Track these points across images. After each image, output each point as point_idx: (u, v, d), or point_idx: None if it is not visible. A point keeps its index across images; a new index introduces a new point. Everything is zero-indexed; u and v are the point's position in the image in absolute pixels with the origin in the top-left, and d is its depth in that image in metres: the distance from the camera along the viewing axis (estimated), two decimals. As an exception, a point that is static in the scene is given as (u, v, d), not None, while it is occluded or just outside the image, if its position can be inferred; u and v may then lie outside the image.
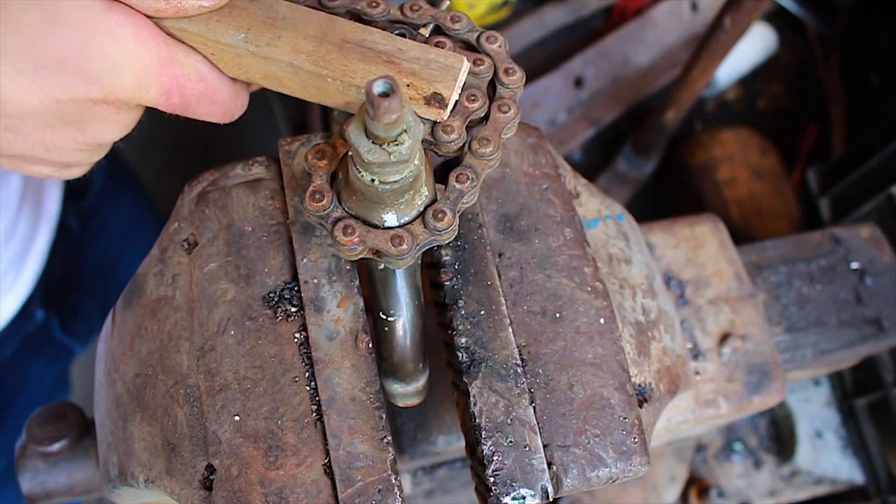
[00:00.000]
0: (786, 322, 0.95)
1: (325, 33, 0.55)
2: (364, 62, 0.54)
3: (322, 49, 0.55)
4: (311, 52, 0.54)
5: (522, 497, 0.54)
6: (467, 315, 0.59)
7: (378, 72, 0.54)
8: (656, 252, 0.88)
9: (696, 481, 1.22)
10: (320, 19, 0.56)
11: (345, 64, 0.54)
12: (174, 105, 0.55)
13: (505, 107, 0.56)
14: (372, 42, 0.55)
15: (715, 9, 1.28)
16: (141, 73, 0.52)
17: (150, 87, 0.53)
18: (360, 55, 0.55)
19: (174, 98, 0.54)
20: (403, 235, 0.51)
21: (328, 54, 0.54)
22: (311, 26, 0.55)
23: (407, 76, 0.54)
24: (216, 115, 0.58)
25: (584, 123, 1.57)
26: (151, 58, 0.52)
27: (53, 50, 0.48)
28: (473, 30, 0.59)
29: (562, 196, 0.65)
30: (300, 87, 0.56)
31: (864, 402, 1.26)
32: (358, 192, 0.50)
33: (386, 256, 0.52)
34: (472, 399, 0.57)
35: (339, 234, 0.51)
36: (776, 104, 1.66)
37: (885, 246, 1.02)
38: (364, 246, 0.52)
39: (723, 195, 1.42)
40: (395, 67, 0.54)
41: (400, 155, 0.46)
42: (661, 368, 0.67)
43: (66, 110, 0.51)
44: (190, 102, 0.55)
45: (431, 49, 0.56)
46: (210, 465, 0.55)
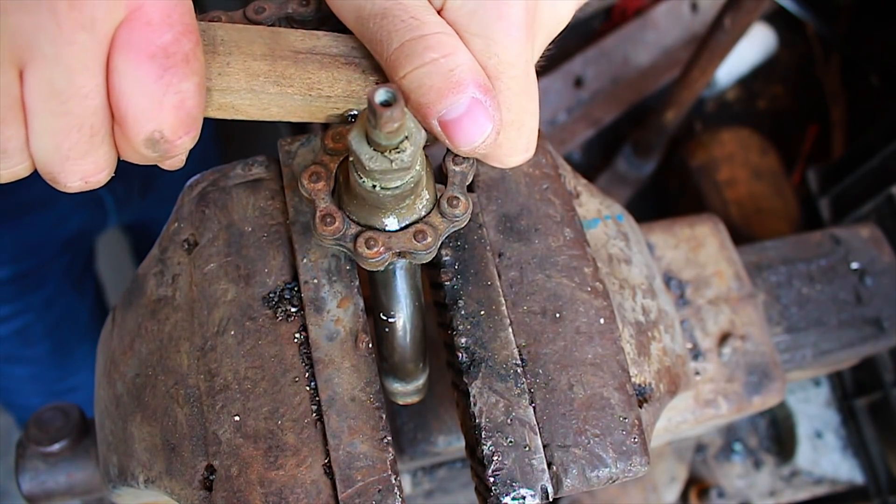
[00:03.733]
0: (786, 322, 0.95)
1: (273, 49, 0.52)
2: (324, 69, 0.52)
3: (278, 66, 0.51)
4: (267, 72, 0.51)
5: (522, 497, 0.54)
6: (467, 315, 0.59)
7: (341, 76, 0.53)
8: (656, 252, 0.88)
9: (696, 481, 1.22)
10: (262, 35, 0.52)
11: (306, 76, 0.52)
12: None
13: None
14: (323, 47, 0.53)
15: (715, 9, 1.28)
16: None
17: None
18: (317, 64, 0.52)
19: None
20: (425, 230, 0.51)
21: (286, 70, 0.52)
22: (256, 45, 0.52)
23: (372, 73, 0.53)
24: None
25: (584, 123, 1.57)
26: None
27: None
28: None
29: (562, 196, 0.65)
30: (259, 111, 0.53)
31: (864, 402, 1.26)
32: (359, 197, 0.50)
33: (413, 254, 0.52)
34: (472, 399, 0.57)
35: (363, 248, 0.50)
36: (776, 104, 1.66)
37: (885, 246, 1.02)
38: (390, 252, 0.51)
39: (723, 195, 1.42)
40: (356, 68, 0.53)
41: (402, 162, 0.46)
42: (661, 368, 0.67)
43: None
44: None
45: None
46: (210, 466, 0.55)
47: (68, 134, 0.44)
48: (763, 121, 1.63)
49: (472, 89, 0.48)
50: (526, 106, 0.53)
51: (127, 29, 0.43)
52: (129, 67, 0.43)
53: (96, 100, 0.44)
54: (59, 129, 0.43)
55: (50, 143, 0.44)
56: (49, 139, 0.44)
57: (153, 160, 0.48)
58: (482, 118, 0.49)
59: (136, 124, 0.45)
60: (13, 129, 0.43)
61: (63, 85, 0.42)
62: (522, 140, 0.54)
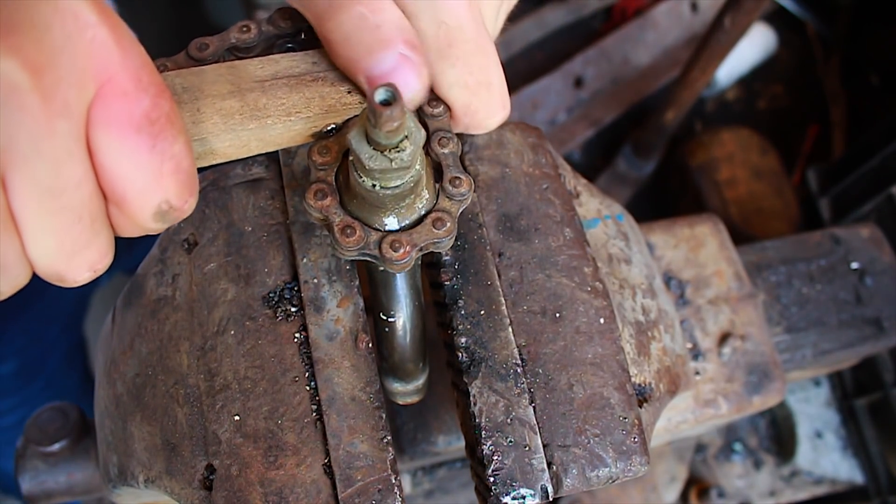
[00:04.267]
0: (786, 322, 0.95)
1: (238, 83, 0.50)
2: (294, 91, 0.51)
3: (248, 100, 0.50)
4: (241, 108, 0.50)
5: (522, 497, 0.54)
6: (467, 315, 0.59)
7: (313, 94, 0.52)
8: (656, 252, 0.88)
9: (696, 481, 1.22)
10: (220, 72, 0.51)
11: (279, 103, 0.51)
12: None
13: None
14: (285, 70, 0.52)
15: (715, 9, 1.28)
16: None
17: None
18: (285, 88, 0.51)
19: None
20: (441, 216, 0.52)
21: (258, 102, 0.50)
22: (219, 83, 0.50)
23: (341, 83, 0.53)
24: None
25: (584, 123, 1.57)
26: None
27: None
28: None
29: (562, 196, 0.65)
30: (239, 149, 0.52)
31: (864, 402, 1.26)
32: (359, 196, 0.50)
33: (437, 243, 0.52)
34: (472, 399, 0.57)
35: (390, 252, 0.50)
36: (776, 104, 1.66)
37: (885, 246, 1.02)
38: (416, 249, 0.51)
39: (723, 195, 1.42)
40: (324, 82, 0.52)
41: (402, 161, 0.46)
42: (661, 368, 0.67)
43: None
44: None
45: None
46: (210, 465, 0.55)
47: (69, 229, 0.41)
48: (763, 121, 1.63)
49: (400, 45, 0.48)
50: (487, 64, 0.53)
51: (102, 105, 0.40)
52: (118, 145, 0.41)
53: (89, 185, 0.41)
54: (58, 228, 0.41)
55: (51, 244, 0.41)
56: (49, 240, 0.41)
57: (159, 230, 0.46)
58: (410, 75, 0.49)
59: (141, 201, 0.42)
60: (7, 241, 0.40)
61: (52, 180, 0.39)
62: (496, 98, 0.54)
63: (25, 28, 0.37)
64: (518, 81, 1.56)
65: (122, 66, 0.40)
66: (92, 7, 0.39)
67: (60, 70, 0.38)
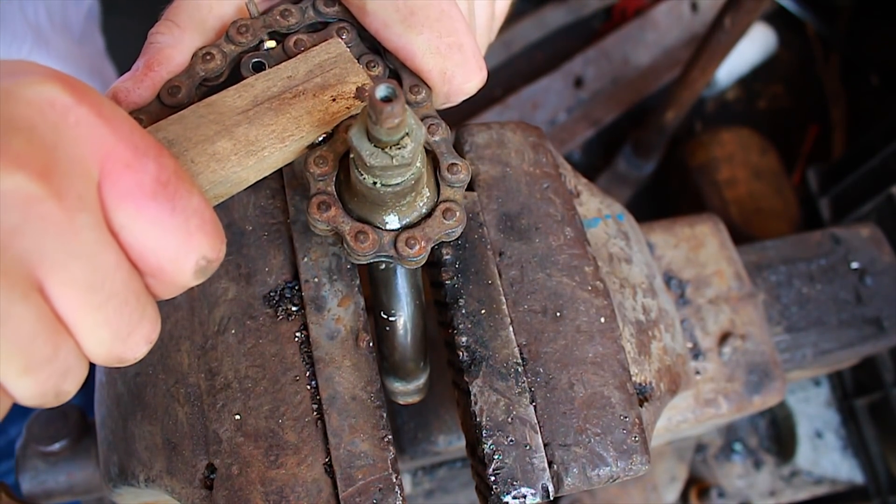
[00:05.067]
0: (786, 322, 0.95)
1: (222, 121, 0.49)
2: (280, 113, 0.51)
3: (239, 136, 0.49)
4: (234, 148, 0.49)
5: (523, 496, 0.54)
6: (468, 314, 0.59)
7: (299, 111, 0.52)
8: (656, 252, 0.88)
9: (696, 481, 1.22)
10: (200, 113, 0.49)
11: (269, 129, 0.50)
12: None
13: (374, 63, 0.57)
14: (262, 92, 0.52)
15: (715, 9, 1.28)
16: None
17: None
18: (270, 112, 0.51)
19: None
20: (451, 206, 0.53)
21: (248, 135, 0.49)
22: (203, 126, 0.48)
23: (321, 92, 0.52)
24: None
25: (584, 123, 1.57)
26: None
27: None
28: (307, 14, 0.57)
29: (562, 195, 0.65)
30: (240, 185, 0.50)
31: (864, 402, 1.26)
32: (360, 195, 0.50)
33: (449, 234, 0.52)
34: (473, 398, 0.57)
35: (407, 250, 0.51)
36: (776, 104, 1.66)
37: (885, 246, 1.02)
38: (430, 243, 0.51)
39: (723, 195, 1.42)
40: (305, 94, 0.52)
41: (403, 158, 0.46)
42: (662, 367, 0.67)
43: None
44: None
45: (307, 54, 0.53)
46: (211, 465, 0.55)
47: (118, 315, 0.40)
48: (763, 121, 1.63)
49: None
50: (454, 27, 0.54)
51: (110, 183, 0.39)
52: (139, 218, 0.40)
53: (124, 267, 0.40)
54: (108, 317, 0.40)
55: (105, 335, 0.40)
56: (103, 332, 0.40)
57: (197, 283, 0.46)
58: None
59: (178, 266, 0.42)
60: (65, 346, 0.39)
61: (90, 276, 0.38)
62: (470, 60, 0.55)
63: (13, 135, 0.36)
64: (518, 81, 1.56)
65: (114, 138, 0.40)
66: (63, 88, 0.39)
67: (62, 165, 0.37)
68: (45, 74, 0.39)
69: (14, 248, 0.36)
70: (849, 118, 1.60)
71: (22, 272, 0.36)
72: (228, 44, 0.55)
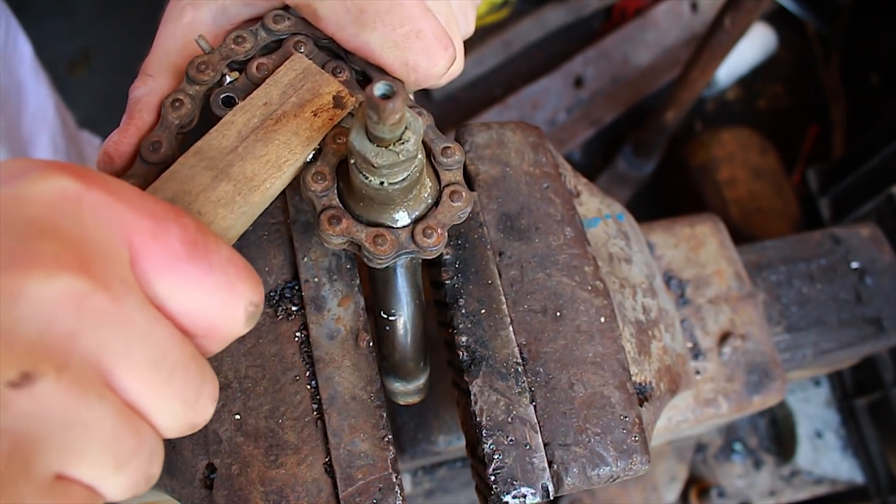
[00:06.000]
0: (786, 322, 0.95)
1: (215, 164, 0.48)
2: (268, 142, 0.51)
3: (236, 175, 0.48)
4: (236, 188, 0.48)
5: (523, 495, 0.54)
6: (468, 314, 0.59)
7: (286, 134, 0.51)
8: (656, 251, 0.88)
9: (696, 481, 1.22)
10: (191, 162, 0.48)
11: (263, 161, 0.50)
12: None
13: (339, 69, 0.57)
14: (244, 125, 0.51)
15: (715, 9, 1.28)
16: None
17: None
18: (258, 143, 0.50)
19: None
20: (457, 189, 0.53)
21: (244, 172, 0.49)
22: (199, 175, 0.48)
23: (302, 110, 0.52)
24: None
25: (584, 123, 1.57)
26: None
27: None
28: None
29: (562, 195, 0.65)
30: (251, 219, 0.50)
31: (864, 402, 1.26)
32: (366, 199, 0.51)
33: (460, 216, 0.53)
34: (473, 398, 0.57)
35: (426, 241, 0.51)
36: (776, 104, 1.66)
37: (885, 246, 1.02)
38: (446, 229, 0.52)
39: (723, 195, 1.42)
40: (287, 117, 0.52)
41: (408, 153, 0.46)
42: (662, 367, 0.67)
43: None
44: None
45: (274, 77, 0.53)
46: (210, 464, 0.55)
47: (184, 385, 0.40)
48: (763, 121, 1.63)
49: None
50: (407, 14, 0.53)
51: (142, 256, 0.39)
52: (180, 285, 0.40)
53: (177, 335, 0.40)
54: (177, 390, 0.39)
55: (178, 407, 0.40)
56: (174, 405, 0.40)
57: (248, 330, 0.45)
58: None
59: (229, 319, 0.41)
60: (146, 432, 0.38)
61: (151, 355, 0.38)
62: (431, 42, 0.54)
63: (40, 238, 0.35)
64: (518, 81, 1.56)
65: (132, 212, 0.39)
66: (68, 177, 0.38)
67: (95, 254, 0.37)
68: (43, 168, 0.38)
69: (78, 351, 0.35)
70: (849, 118, 1.60)
71: (91, 372, 0.36)
72: (192, 85, 0.54)
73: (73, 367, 0.35)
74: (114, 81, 3.33)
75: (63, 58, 3.28)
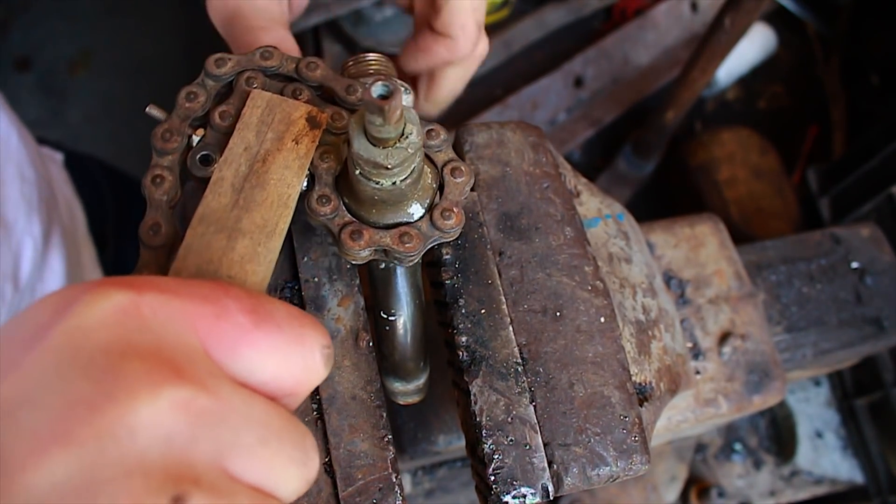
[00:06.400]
0: (786, 322, 0.95)
1: (223, 225, 0.48)
2: (265, 186, 0.50)
3: (248, 228, 0.48)
4: (253, 240, 0.48)
5: (523, 496, 0.54)
6: (468, 314, 0.59)
7: (278, 174, 0.50)
8: (656, 251, 0.88)
9: (696, 481, 1.22)
10: (199, 233, 0.48)
11: (269, 204, 0.49)
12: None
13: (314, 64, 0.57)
14: (237, 178, 0.50)
15: (715, 9, 1.28)
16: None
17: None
18: (256, 189, 0.49)
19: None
20: (457, 167, 0.54)
21: (255, 221, 0.48)
22: (213, 243, 0.47)
23: (283, 143, 0.52)
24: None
25: (584, 123, 1.57)
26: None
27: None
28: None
29: (562, 195, 0.65)
30: (272, 263, 0.49)
31: (864, 402, 1.26)
32: (379, 203, 0.51)
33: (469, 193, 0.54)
34: (473, 398, 0.57)
35: (445, 222, 0.53)
36: (776, 104, 1.66)
37: (885, 246, 1.02)
38: (462, 211, 0.53)
39: (723, 195, 1.42)
40: (273, 154, 0.51)
41: (415, 144, 0.47)
42: (662, 367, 0.67)
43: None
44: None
45: (241, 120, 0.52)
46: (210, 464, 0.55)
47: (292, 446, 0.39)
48: (763, 121, 1.63)
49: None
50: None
51: (213, 341, 0.38)
52: (258, 355, 0.39)
53: (269, 402, 0.40)
54: (288, 455, 0.39)
55: (293, 471, 0.39)
56: (290, 471, 0.39)
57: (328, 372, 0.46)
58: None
59: (310, 370, 0.42)
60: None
61: (257, 435, 0.38)
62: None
63: (124, 362, 0.35)
64: (518, 81, 1.56)
65: (189, 302, 0.39)
66: (118, 289, 0.37)
67: (177, 356, 0.37)
68: (89, 292, 0.37)
69: (201, 457, 0.35)
70: (849, 118, 1.60)
71: (218, 472, 0.36)
72: (164, 157, 0.53)
73: (204, 475, 0.35)
74: (114, 81, 3.34)
75: (63, 58, 3.28)
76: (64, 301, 0.37)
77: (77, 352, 0.35)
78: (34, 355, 0.35)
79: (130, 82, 3.22)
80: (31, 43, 3.30)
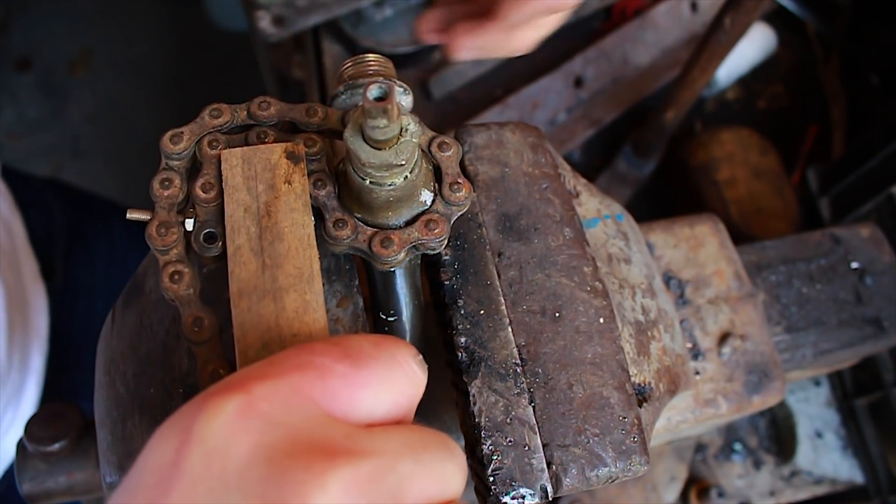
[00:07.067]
0: (786, 322, 0.95)
1: (262, 290, 0.47)
2: (282, 237, 0.49)
3: (286, 282, 0.47)
4: (297, 291, 0.47)
5: (522, 496, 0.54)
6: (467, 314, 0.59)
7: (286, 221, 0.49)
8: (656, 252, 0.88)
9: (696, 481, 1.22)
10: (242, 308, 0.47)
11: (294, 250, 0.48)
12: None
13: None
14: (251, 242, 0.49)
15: (715, 9, 1.28)
16: None
17: None
18: (276, 244, 0.49)
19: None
20: (445, 142, 0.55)
21: (289, 273, 0.48)
22: (261, 311, 0.47)
23: (276, 189, 0.51)
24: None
25: (584, 123, 1.57)
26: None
27: None
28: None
29: (561, 196, 0.65)
30: (323, 304, 0.49)
31: (864, 402, 1.25)
32: (394, 204, 0.51)
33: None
34: (472, 398, 0.57)
35: (455, 195, 0.53)
36: (776, 104, 1.66)
37: (885, 246, 1.02)
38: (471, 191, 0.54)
39: (723, 195, 1.42)
40: (273, 204, 0.50)
41: (415, 134, 0.47)
42: (661, 368, 0.67)
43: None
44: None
45: (226, 184, 0.51)
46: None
47: (442, 455, 0.41)
48: (763, 121, 1.62)
49: None
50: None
51: (329, 399, 0.38)
52: (370, 393, 0.40)
53: (402, 431, 0.40)
54: (442, 464, 0.40)
55: (458, 476, 0.42)
56: (458, 476, 0.41)
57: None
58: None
59: (415, 383, 0.43)
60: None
61: (413, 468, 0.38)
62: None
63: (274, 464, 0.34)
64: (518, 81, 1.56)
65: (293, 377, 0.38)
66: (226, 394, 0.37)
67: (316, 435, 0.36)
68: (205, 410, 0.36)
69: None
70: (849, 118, 1.60)
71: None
72: (166, 254, 0.51)
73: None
74: (114, 81, 3.34)
75: (63, 58, 3.28)
76: (181, 432, 0.36)
77: (223, 475, 0.34)
78: (176, 496, 0.33)
79: (130, 82, 3.22)
80: (31, 43, 3.30)
